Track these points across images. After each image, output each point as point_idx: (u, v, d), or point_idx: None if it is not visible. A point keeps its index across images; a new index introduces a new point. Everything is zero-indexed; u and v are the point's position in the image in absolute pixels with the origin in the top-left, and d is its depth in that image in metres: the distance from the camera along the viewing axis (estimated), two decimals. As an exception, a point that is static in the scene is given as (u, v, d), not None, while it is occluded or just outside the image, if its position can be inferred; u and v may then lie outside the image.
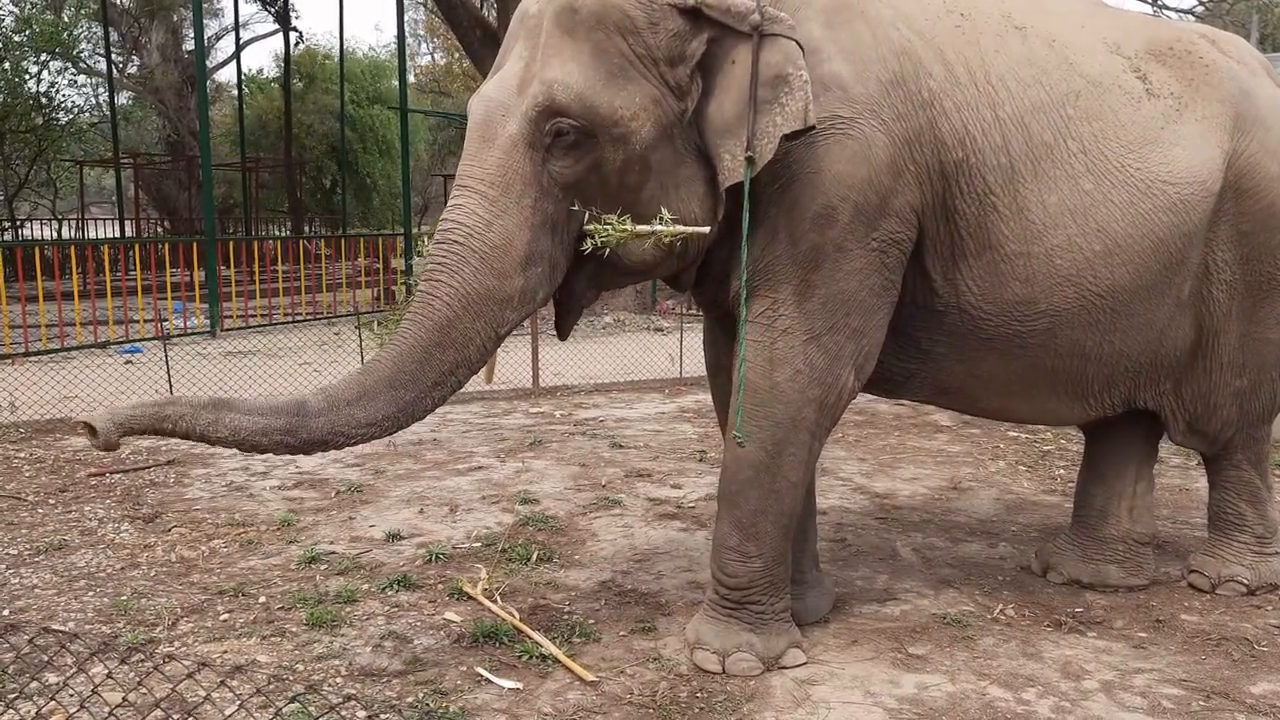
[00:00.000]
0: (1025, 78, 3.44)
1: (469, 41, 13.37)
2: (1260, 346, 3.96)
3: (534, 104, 3.02)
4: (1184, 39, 3.90)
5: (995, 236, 3.41)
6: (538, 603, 3.98)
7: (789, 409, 3.30)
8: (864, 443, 6.99)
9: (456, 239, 3.02)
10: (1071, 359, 3.69)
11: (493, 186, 3.04)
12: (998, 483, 6.00)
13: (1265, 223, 3.81)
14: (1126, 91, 3.59)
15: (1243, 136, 3.75)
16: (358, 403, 2.95)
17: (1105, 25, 3.78)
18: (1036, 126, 3.42)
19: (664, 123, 3.11)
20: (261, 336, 11.05)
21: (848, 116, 3.19)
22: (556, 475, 5.96)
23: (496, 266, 3.02)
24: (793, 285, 3.26)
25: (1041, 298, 3.50)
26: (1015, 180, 3.39)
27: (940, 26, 3.40)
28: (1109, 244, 3.50)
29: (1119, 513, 4.19)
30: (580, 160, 3.06)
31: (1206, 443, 4.13)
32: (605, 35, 3.06)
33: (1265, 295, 3.90)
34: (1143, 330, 3.72)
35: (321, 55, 27.47)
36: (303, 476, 5.82)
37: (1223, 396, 3.98)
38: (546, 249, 3.10)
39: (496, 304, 3.04)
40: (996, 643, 3.69)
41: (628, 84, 3.07)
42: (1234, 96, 3.77)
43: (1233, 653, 3.63)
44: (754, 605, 3.45)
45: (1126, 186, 3.51)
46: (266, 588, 4.12)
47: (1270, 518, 4.22)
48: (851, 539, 4.87)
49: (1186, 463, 6.37)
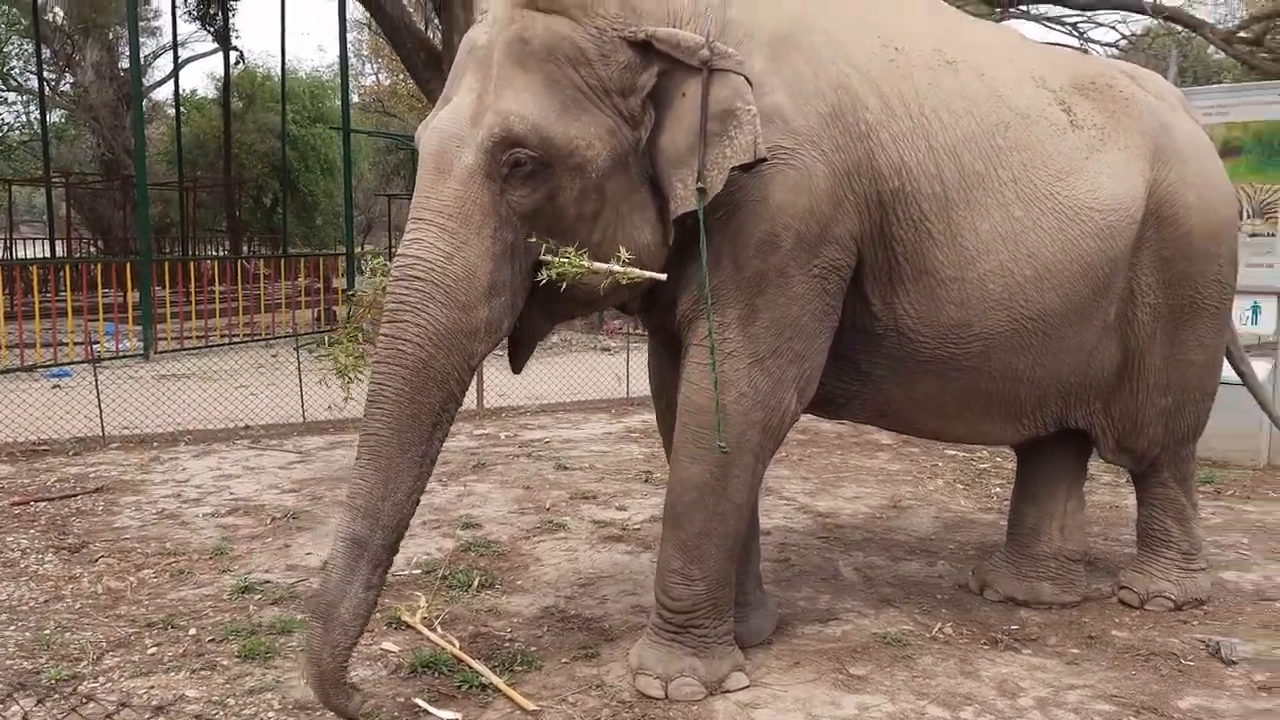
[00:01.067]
0: (957, 109, 3.52)
1: (413, 63, 13.33)
2: (1183, 368, 4.07)
3: (490, 135, 3.01)
4: (1105, 74, 4.04)
5: (931, 262, 3.48)
6: (478, 630, 3.94)
7: (734, 431, 3.32)
8: (807, 462, 7.04)
9: (418, 274, 2.97)
10: (1004, 380, 3.77)
11: (451, 218, 3.01)
12: (936, 501, 6.08)
13: (1184, 249, 3.94)
14: (1052, 123, 3.69)
15: (1162, 167, 3.88)
16: (388, 491, 2.97)
17: (1031, 60, 3.90)
18: (968, 156, 3.50)
19: (619, 152, 3.15)
20: (197, 359, 10.86)
21: (789, 147, 3.25)
22: (500, 499, 5.92)
23: (461, 299, 2.99)
24: (737, 310, 3.29)
25: (975, 321, 3.57)
26: (949, 208, 3.46)
27: (876, 61, 3.47)
28: (1039, 269, 3.58)
29: (1051, 530, 4.28)
30: (538, 190, 3.07)
31: (1134, 460, 4.23)
32: (557, 67, 3.08)
33: (1186, 319, 4.02)
34: (1072, 352, 3.81)
35: (262, 75, 27.19)
36: (238, 503, 5.72)
37: (1149, 416, 4.08)
38: (508, 279, 3.09)
39: (465, 337, 3.02)
40: (935, 661, 3.72)
41: (582, 114, 3.09)
42: (1153, 129, 3.91)
43: (1161, 668, 3.70)
44: (697, 629, 3.45)
45: (1055, 213, 3.60)
46: (197, 619, 4.03)
47: (1195, 535, 4.34)
48: (795, 559, 4.89)
49: (1117, 480, 6.50)
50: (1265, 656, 3.79)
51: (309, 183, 26.25)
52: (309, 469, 6.59)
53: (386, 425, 2.97)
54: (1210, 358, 4.20)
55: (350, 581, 2.91)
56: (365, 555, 2.94)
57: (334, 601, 2.91)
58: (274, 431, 7.74)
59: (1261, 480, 6.63)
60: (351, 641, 2.94)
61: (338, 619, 2.90)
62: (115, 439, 7.29)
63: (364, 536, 2.95)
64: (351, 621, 2.92)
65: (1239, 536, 5.34)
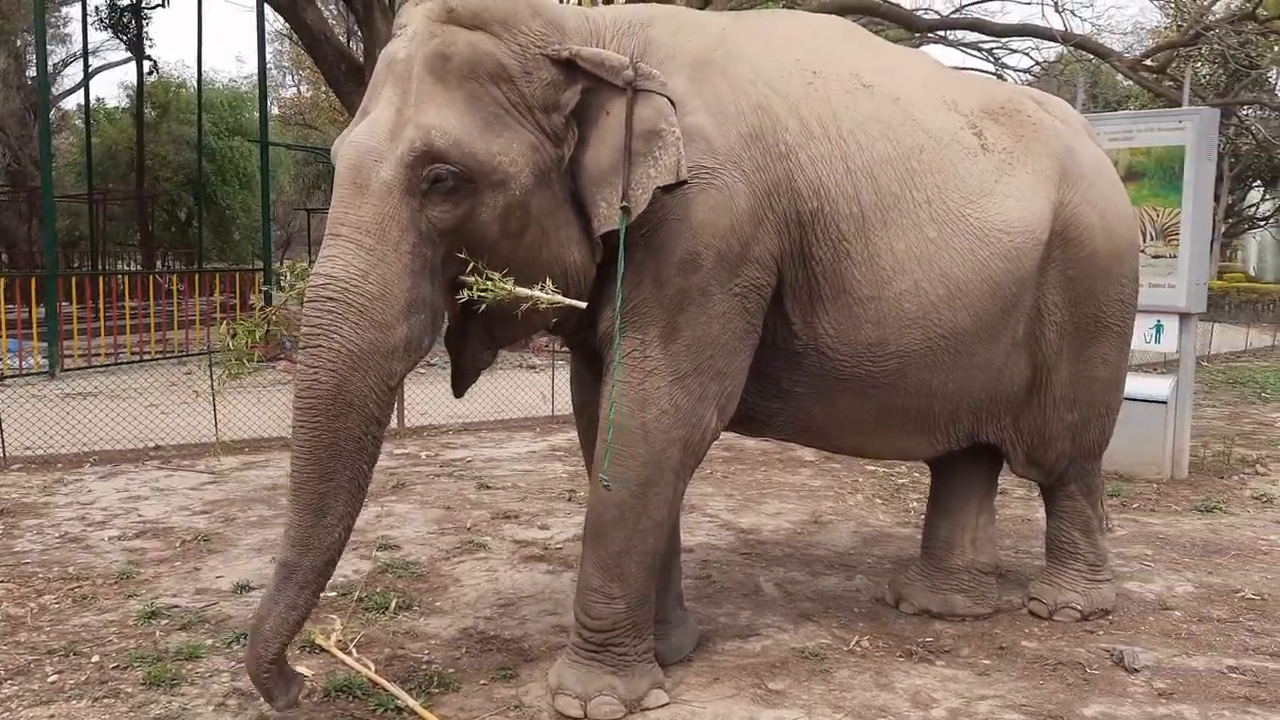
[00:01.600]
0: (874, 133, 3.60)
1: (334, 76, 13.16)
2: (1088, 384, 4.20)
3: (410, 149, 2.97)
4: (1014, 99, 4.16)
5: (849, 282, 3.54)
6: (395, 653, 3.88)
7: (654, 449, 3.34)
8: (731, 479, 7.08)
9: (330, 295, 2.92)
10: (919, 396, 3.85)
11: (368, 234, 2.95)
12: (856, 516, 6.16)
13: (1089, 269, 4.06)
14: (964, 146, 3.79)
15: (1068, 189, 4.00)
16: (316, 519, 3.00)
17: (945, 85, 4.00)
18: (885, 178, 3.57)
19: (542, 168, 3.15)
20: (105, 377, 10.52)
21: (711, 167, 3.28)
22: (419, 519, 5.84)
23: (378, 318, 2.94)
24: (659, 328, 3.31)
25: (892, 339, 3.64)
26: (866, 229, 3.53)
27: (794, 84, 3.53)
28: (951, 288, 3.67)
29: (963, 544, 4.37)
30: (459, 206, 3.03)
31: (1043, 474, 4.35)
32: (479, 83, 3.07)
33: (1092, 336, 4.15)
34: (983, 368, 3.91)
35: (176, 84, 26.59)
36: (145, 525, 5.56)
37: (1056, 430, 4.20)
38: (428, 295, 3.05)
39: (382, 357, 2.97)
40: (852, 674, 3.77)
41: (504, 130, 3.08)
42: (1059, 153, 4.03)
43: (1068, 677, 3.80)
44: (617, 647, 3.44)
45: (966, 235, 3.69)
46: (101, 646, 3.90)
47: (1101, 546, 4.47)
48: (716, 575, 4.91)
49: (1028, 495, 6.66)
50: (1166, 664, 3.92)
51: (225, 196, 25.69)
52: (222, 490, 6.44)
53: (308, 455, 2.97)
54: (1114, 374, 4.34)
55: (276, 601, 3.01)
56: (293, 578, 3.01)
57: (261, 618, 3.03)
58: (186, 451, 7.55)
59: (1165, 493, 6.86)
60: (273, 654, 3.02)
61: (261, 634, 3.00)
62: (17, 460, 7.03)
63: (293, 561, 3.02)
64: (273, 637, 3.00)
65: (1143, 548, 5.51)
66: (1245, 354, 17.76)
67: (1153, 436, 7.17)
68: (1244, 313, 23.54)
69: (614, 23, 3.44)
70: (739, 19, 3.88)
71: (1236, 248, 41.42)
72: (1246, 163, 29.40)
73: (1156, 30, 21.90)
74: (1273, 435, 9.37)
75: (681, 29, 3.51)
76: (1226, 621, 4.41)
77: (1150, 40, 20.26)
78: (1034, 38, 14.38)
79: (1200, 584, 4.91)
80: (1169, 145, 7.33)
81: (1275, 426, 9.91)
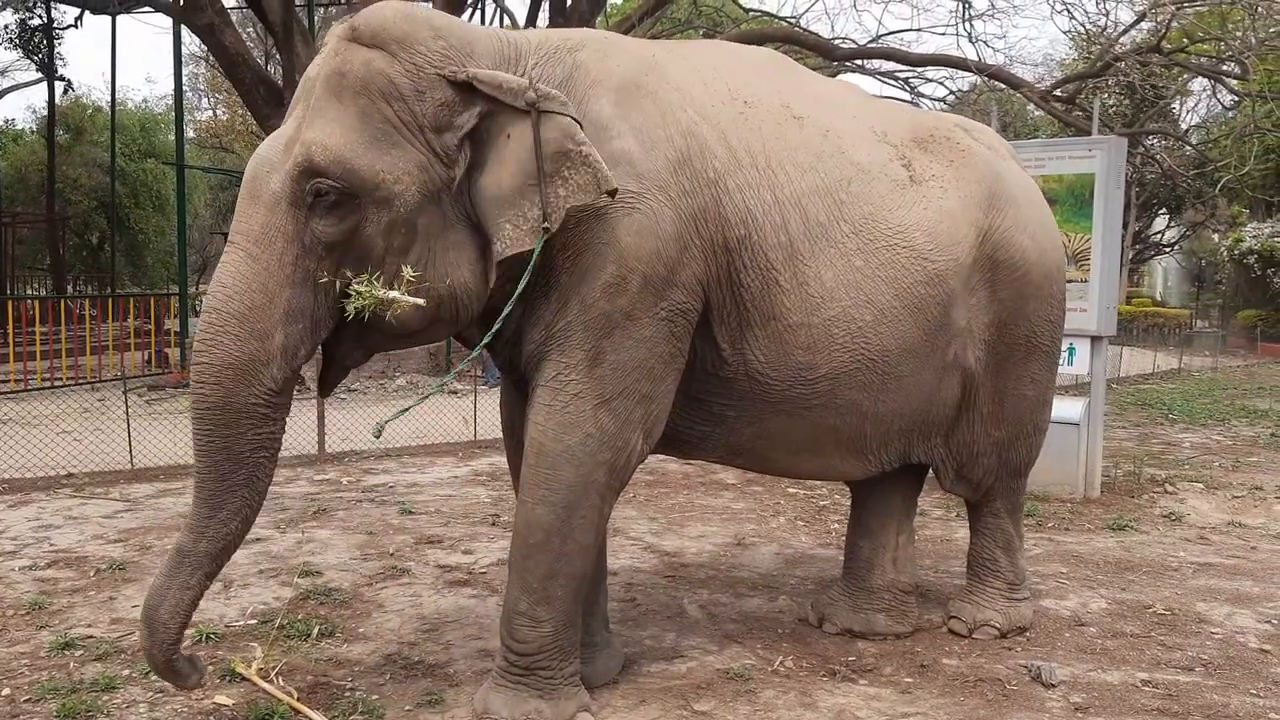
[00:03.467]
0: (802, 163, 3.66)
1: (253, 99, 12.95)
2: (1016, 402, 4.29)
3: (295, 163, 3.08)
4: (943, 127, 4.26)
5: (779, 308, 3.59)
6: (318, 680, 3.81)
7: (579, 472, 3.34)
8: (654, 502, 7.11)
9: (217, 305, 3.06)
10: (851, 417, 3.89)
11: (256, 244, 3.08)
12: (779, 538, 6.22)
13: (1020, 289, 4.15)
14: (892, 178, 3.87)
15: (997, 214, 4.09)
16: (213, 512, 3.10)
17: (874, 116, 4.08)
18: (813, 209, 3.63)
19: (430, 188, 3.18)
20: (15, 404, 10.22)
21: (636, 191, 3.31)
22: (341, 545, 5.76)
23: (257, 327, 3.05)
24: (584, 351, 3.32)
25: (822, 363, 3.69)
26: (795, 257, 3.58)
27: (725, 113, 3.59)
28: (877, 313, 3.73)
29: (884, 563, 4.44)
30: (343, 220, 3.10)
31: (971, 489, 4.43)
32: (370, 100, 3.13)
33: (1022, 355, 4.24)
34: (914, 390, 3.97)
35: (91, 107, 25.93)
36: (58, 555, 5.39)
37: (984, 446, 4.29)
38: (308, 306, 3.12)
39: (261, 365, 3.06)
40: (776, 694, 3.80)
41: (391, 148, 3.13)
42: (988, 178, 4.13)
43: (987, 693, 3.88)
44: (543, 671, 3.43)
45: (892, 264, 3.76)
46: (12, 678, 3.77)
47: (1020, 566, 4.58)
48: (641, 598, 4.92)
49: (947, 515, 6.81)
50: (1082, 679, 4.02)
51: (139, 220, 25.07)
52: (137, 518, 6.27)
53: (205, 461, 3.11)
54: (1041, 394, 4.42)
55: (170, 584, 3.05)
56: (186, 561, 3.08)
57: (155, 605, 3.05)
58: (99, 479, 7.34)
59: (1078, 512, 7.06)
60: (174, 636, 3.06)
61: (159, 618, 3.03)
62: (-81, 490, 6.77)
63: (188, 546, 3.10)
64: (170, 619, 3.04)
65: (1058, 565, 5.66)
66: (1153, 376, 18.40)
67: (1066, 457, 7.38)
68: (1151, 336, 24.42)
69: (539, 46, 3.47)
70: (670, 47, 3.93)
71: (1143, 273, 42.93)
72: (1152, 191, 30.56)
73: (1065, 62, 22.70)
74: (1181, 455, 9.70)
75: (611, 54, 3.54)
76: (1139, 636, 4.54)
77: (1060, 71, 20.98)
78: (949, 67, 14.76)
79: (1113, 600, 5.06)
80: (1079, 173, 7.57)
81: (1183, 447, 10.27)
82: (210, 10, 12.46)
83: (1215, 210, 29.91)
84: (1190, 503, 7.47)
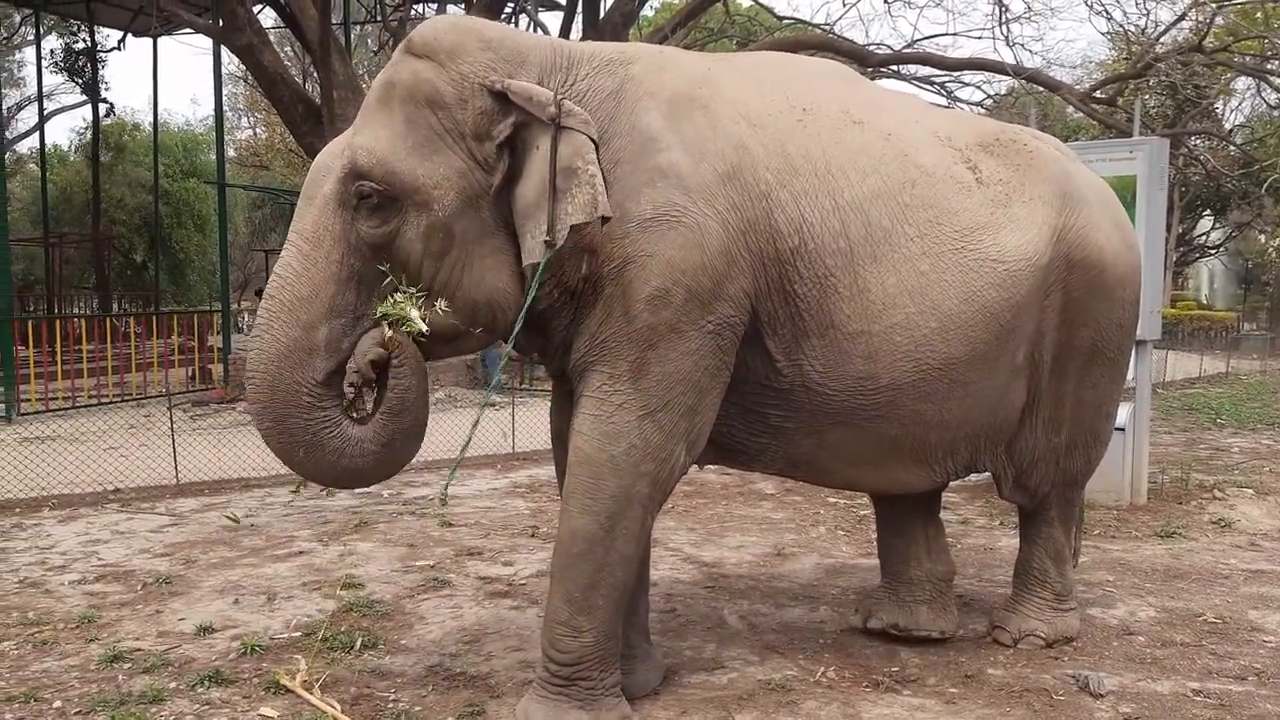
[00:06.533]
0: (863, 167, 3.62)
1: (291, 118, 13.14)
2: (1076, 407, 4.21)
3: (343, 166, 3.23)
4: (1009, 131, 4.21)
5: (837, 317, 3.55)
6: (361, 692, 3.84)
7: (623, 483, 3.34)
8: (693, 513, 7.09)
9: (272, 293, 3.25)
10: (914, 427, 3.82)
11: (308, 241, 3.25)
12: (819, 548, 6.18)
13: (1093, 291, 4.07)
14: (958, 181, 3.80)
15: (1071, 213, 4.01)
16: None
17: (937, 121, 4.05)
18: (875, 213, 3.59)
19: (469, 194, 3.27)
20: (63, 420, 10.40)
21: (683, 204, 3.32)
22: (383, 557, 5.80)
23: (303, 318, 3.20)
24: (629, 362, 3.33)
25: (883, 373, 3.64)
26: (855, 263, 3.54)
27: (782, 121, 3.57)
28: (943, 320, 3.67)
29: (919, 554, 4.43)
30: (386, 223, 3.23)
31: (1027, 496, 4.35)
32: (416, 108, 3.27)
33: (1084, 359, 4.15)
34: (981, 397, 3.89)
35: (131, 127, 26.42)
36: (106, 569, 5.47)
37: (1043, 452, 4.20)
38: (351, 303, 3.26)
39: (305, 353, 3.20)
40: (819, 705, 3.77)
41: (434, 154, 3.25)
42: (1059, 177, 4.06)
43: (1034, 703, 3.82)
44: (584, 681, 3.43)
45: (959, 268, 3.69)
46: (62, 691, 3.83)
47: (1069, 577, 4.50)
48: (681, 609, 4.91)
49: (990, 524, 6.74)
50: (1131, 689, 3.95)
51: (181, 239, 25.58)
52: (182, 532, 6.35)
53: (268, 435, 3.29)
54: (1101, 401, 4.31)
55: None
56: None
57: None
58: (145, 494, 7.44)
59: (1125, 519, 6.95)
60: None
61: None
62: (-29, 506, 6.90)
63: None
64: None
65: (1105, 574, 5.57)
66: (1199, 381, 18.10)
67: (1111, 463, 7.22)
68: (1196, 340, 24.03)
69: (592, 57, 3.50)
70: (727, 59, 3.95)
71: (1188, 276, 42.30)
72: (1196, 192, 30.10)
73: (1105, 63, 22.42)
74: (1229, 461, 9.53)
75: (665, 67, 3.55)
76: (1190, 645, 4.46)
77: (1100, 73, 20.72)
78: (986, 71, 14.62)
79: (1162, 608, 4.97)
80: (1121, 175, 7.44)
81: (1231, 452, 10.09)
82: (249, 31, 12.67)
83: (1262, 210, 29.38)
84: (1240, 509, 7.31)
